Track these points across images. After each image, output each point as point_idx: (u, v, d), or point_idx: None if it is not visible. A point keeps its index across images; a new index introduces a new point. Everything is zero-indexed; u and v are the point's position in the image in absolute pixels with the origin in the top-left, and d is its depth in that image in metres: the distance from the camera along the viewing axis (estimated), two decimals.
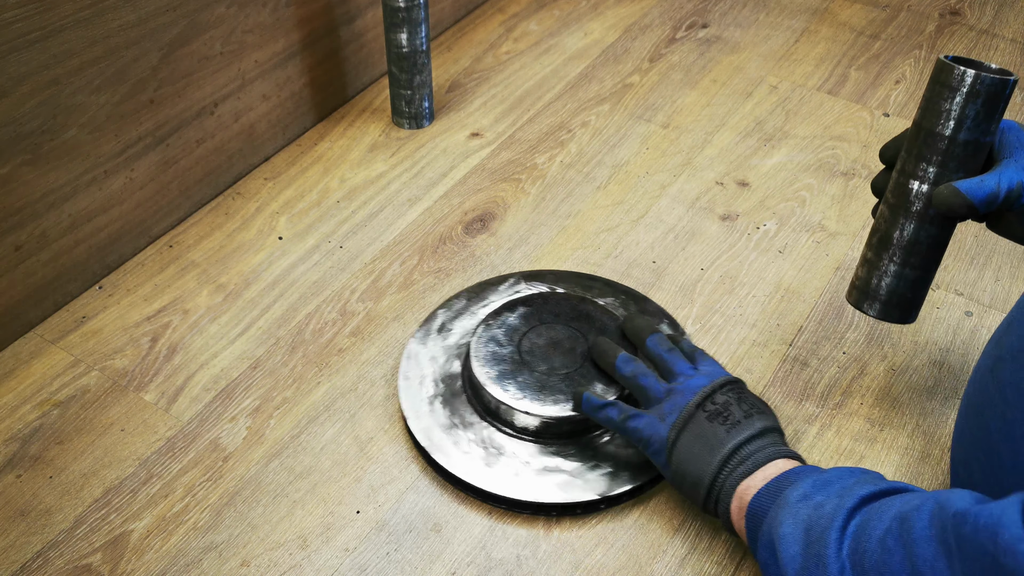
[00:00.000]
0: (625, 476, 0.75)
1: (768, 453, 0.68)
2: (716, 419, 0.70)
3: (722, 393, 0.72)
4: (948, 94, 0.66)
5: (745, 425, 0.69)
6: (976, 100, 0.65)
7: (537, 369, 0.79)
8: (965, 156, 0.67)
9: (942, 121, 0.67)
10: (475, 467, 0.75)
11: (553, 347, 0.81)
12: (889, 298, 0.72)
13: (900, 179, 0.69)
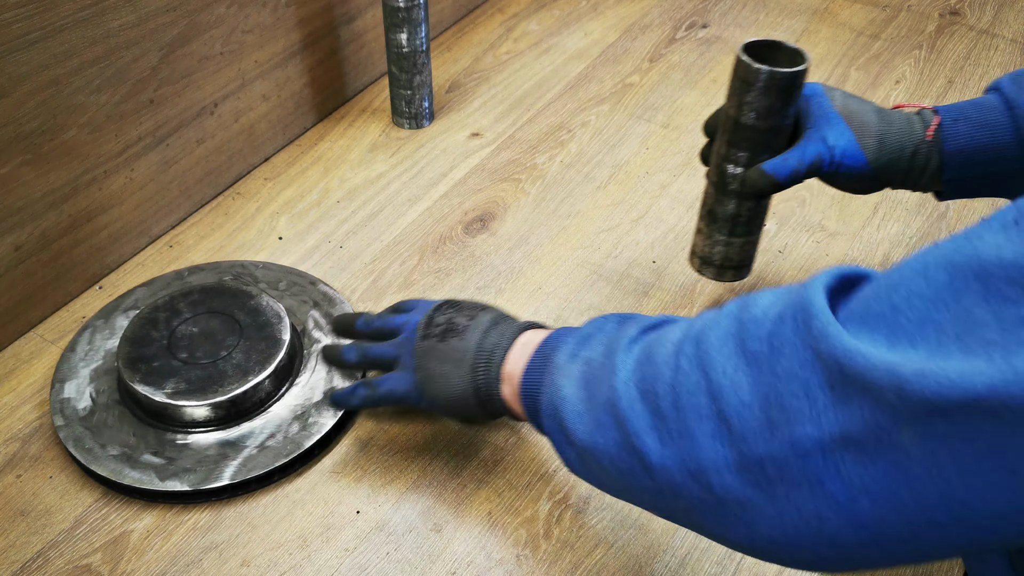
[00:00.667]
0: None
1: (512, 330, 0.69)
2: (447, 336, 0.70)
3: (440, 313, 0.72)
4: (746, 88, 0.72)
5: (475, 324, 0.70)
6: (770, 93, 0.71)
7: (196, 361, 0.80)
8: (769, 139, 0.74)
9: (744, 112, 0.73)
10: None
11: (204, 337, 0.82)
12: (723, 263, 0.82)
13: (717, 161, 0.77)
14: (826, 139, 0.73)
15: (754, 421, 0.45)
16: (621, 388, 0.53)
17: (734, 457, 0.46)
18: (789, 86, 0.71)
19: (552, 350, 0.63)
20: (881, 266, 0.95)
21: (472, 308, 0.72)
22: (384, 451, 0.79)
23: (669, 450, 0.50)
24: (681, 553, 0.72)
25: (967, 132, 0.72)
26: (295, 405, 0.80)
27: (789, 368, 0.44)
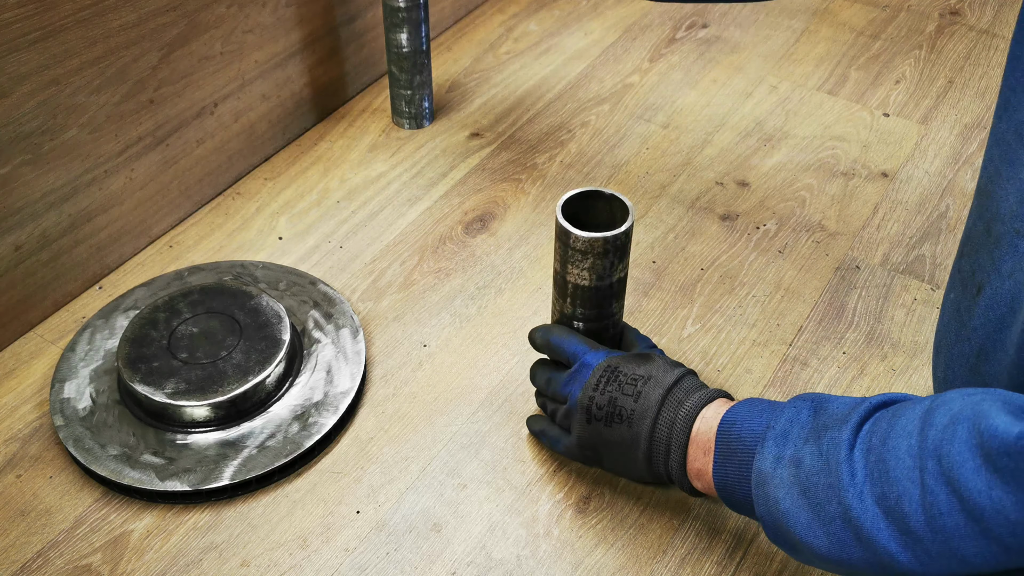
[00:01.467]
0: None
1: (685, 417, 0.66)
2: (613, 423, 0.68)
3: (601, 393, 0.69)
4: (581, 257, 0.70)
5: (641, 410, 0.67)
6: (606, 255, 0.70)
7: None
8: (618, 289, 0.73)
9: (585, 276, 0.71)
10: None
11: (204, 337, 0.82)
12: None
13: (564, 319, 0.76)
14: None
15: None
16: (857, 505, 0.53)
17: (1012, 567, 0.47)
18: (623, 243, 0.70)
19: (746, 452, 0.61)
20: (881, 266, 0.95)
21: (634, 379, 0.68)
22: (384, 451, 0.79)
23: (931, 568, 0.50)
24: (681, 553, 0.72)
25: None
26: (295, 405, 0.80)
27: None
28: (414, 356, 0.87)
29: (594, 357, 0.72)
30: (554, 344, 0.75)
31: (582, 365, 0.72)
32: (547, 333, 0.76)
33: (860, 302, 0.92)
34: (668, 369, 0.69)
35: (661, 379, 0.68)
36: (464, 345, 0.88)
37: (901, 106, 1.17)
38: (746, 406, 0.64)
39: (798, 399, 0.62)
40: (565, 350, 0.74)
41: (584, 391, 0.70)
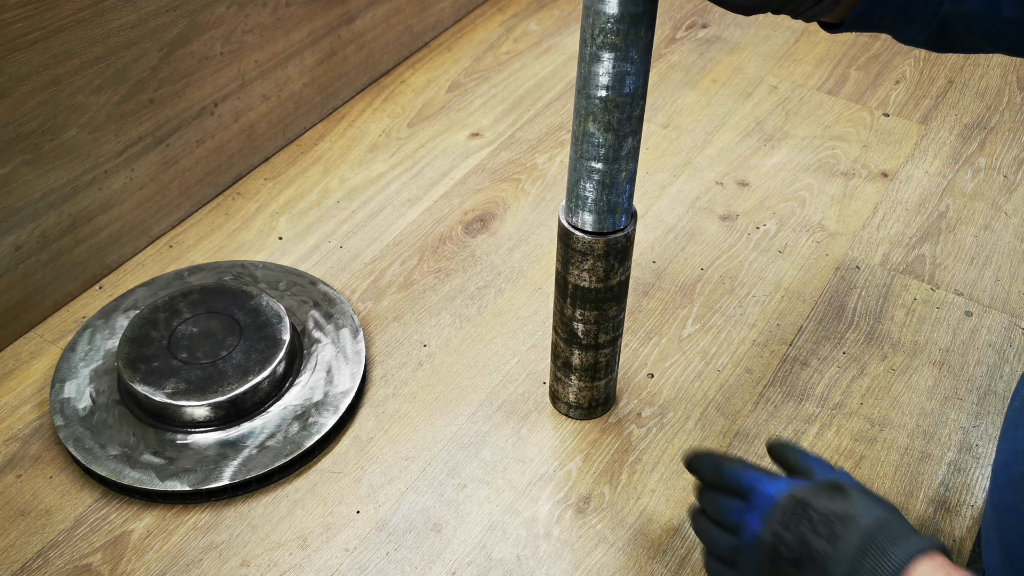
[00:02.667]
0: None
1: (889, 570, 0.54)
2: (804, 567, 0.57)
3: (789, 531, 0.58)
4: (580, 258, 0.70)
5: (839, 554, 0.55)
6: (607, 256, 0.70)
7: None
8: (619, 291, 0.73)
9: (586, 277, 0.71)
10: None
11: (204, 337, 0.82)
12: (591, 404, 0.80)
13: (564, 320, 0.75)
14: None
15: None
16: None
17: None
18: (624, 245, 0.69)
19: None
20: (881, 266, 0.95)
21: (829, 517, 0.57)
22: (384, 451, 0.79)
23: None
24: (681, 553, 0.72)
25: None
26: (295, 405, 0.80)
27: None
28: (414, 356, 0.87)
29: (775, 487, 0.60)
30: (726, 476, 0.63)
31: (761, 496, 0.60)
32: (718, 465, 0.64)
33: (860, 302, 0.92)
34: (869, 506, 0.58)
35: (861, 518, 0.56)
36: (464, 345, 0.88)
37: (901, 106, 1.17)
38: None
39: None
40: (739, 480, 0.62)
41: (768, 525, 0.58)
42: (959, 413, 0.82)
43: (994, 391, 0.84)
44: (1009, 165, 1.08)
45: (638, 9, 0.61)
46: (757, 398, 0.83)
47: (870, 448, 0.79)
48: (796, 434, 0.80)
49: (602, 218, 0.68)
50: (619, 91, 0.62)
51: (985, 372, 0.85)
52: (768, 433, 0.80)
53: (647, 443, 0.79)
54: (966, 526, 0.74)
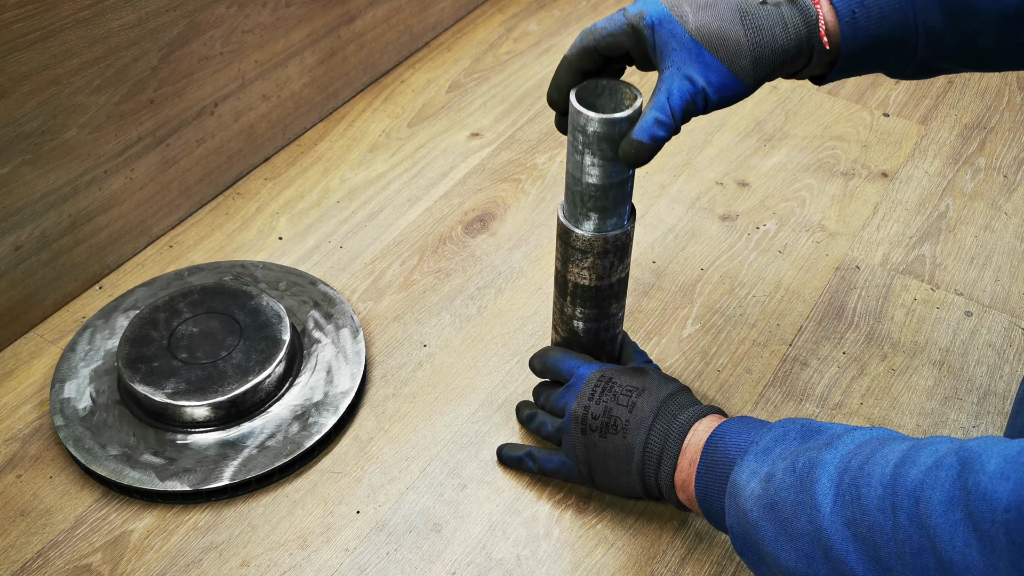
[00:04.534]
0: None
1: (677, 430, 0.66)
2: (607, 432, 0.68)
3: (596, 403, 0.69)
4: (580, 256, 0.70)
5: (636, 420, 0.67)
6: (606, 254, 0.69)
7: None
8: (618, 289, 0.73)
9: (585, 275, 0.71)
10: None
11: (204, 337, 0.82)
12: None
13: (564, 319, 0.75)
14: (692, 78, 0.60)
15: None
16: (829, 525, 0.53)
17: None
18: (624, 243, 0.69)
19: (728, 464, 0.61)
20: (881, 266, 0.95)
21: (629, 390, 0.69)
22: (384, 451, 0.79)
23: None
24: (681, 553, 0.72)
25: (867, 29, 0.62)
26: (295, 405, 0.80)
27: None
28: (414, 356, 0.87)
29: (588, 369, 0.72)
30: (551, 364, 0.75)
31: (577, 378, 0.72)
32: (544, 356, 0.77)
33: (860, 302, 0.92)
34: (663, 383, 0.70)
35: (656, 391, 0.69)
36: (464, 345, 0.88)
37: (901, 106, 1.17)
38: (737, 422, 0.64)
39: (789, 420, 0.62)
40: (561, 368, 0.74)
41: (579, 401, 0.70)
42: (959, 413, 0.82)
43: (994, 391, 0.84)
44: (1009, 165, 1.08)
45: (621, 178, 0.65)
46: (757, 398, 0.83)
47: None
48: None
49: None
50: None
51: (985, 372, 0.85)
52: None
53: None
54: None
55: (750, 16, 0.61)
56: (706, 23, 0.61)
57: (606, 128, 0.63)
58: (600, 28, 0.63)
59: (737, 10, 0.61)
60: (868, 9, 0.62)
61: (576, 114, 0.64)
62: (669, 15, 0.61)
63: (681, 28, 0.60)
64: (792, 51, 0.62)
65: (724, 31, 0.61)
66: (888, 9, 0.62)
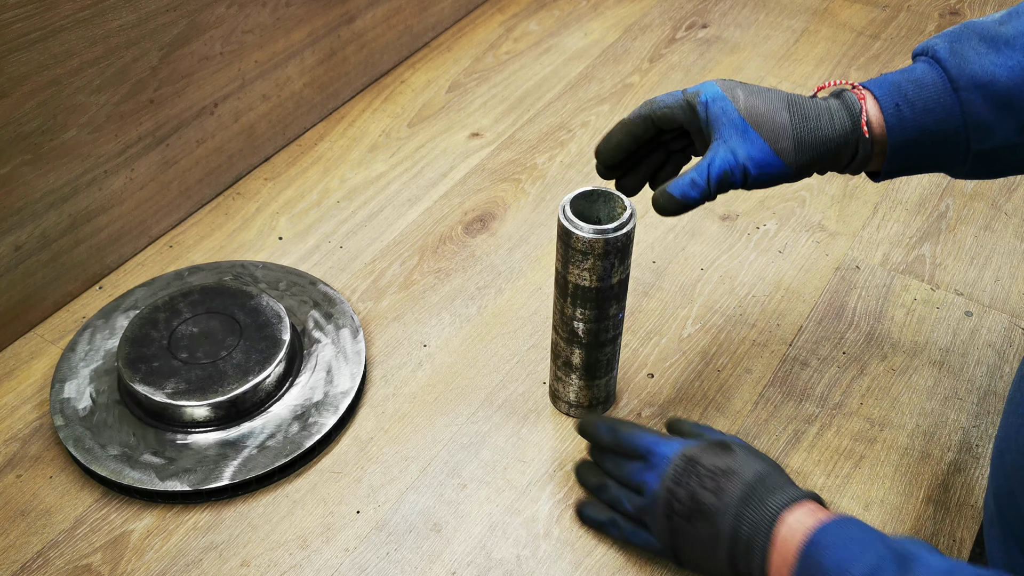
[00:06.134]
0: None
1: (768, 518, 0.61)
2: (695, 518, 0.64)
3: (681, 486, 0.65)
4: (581, 258, 0.70)
5: (723, 505, 0.63)
6: (607, 256, 0.69)
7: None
8: (618, 292, 0.73)
9: (586, 277, 0.71)
10: None
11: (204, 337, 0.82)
12: (591, 403, 0.80)
13: (565, 320, 0.75)
14: (735, 152, 0.65)
15: None
16: None
17: None
18: (620, 246, 0.69)
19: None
20: (881, 266, 0.95)
21: (715, 472, 0.64)
22: (384, 451, 0.79)
23: None
24: None
25: (913, 120, 0.64)
26: (295, 405, 0.80)
27: None
28: (414, 356, 0.87)
29: (669, 448, 0.68)
30: (625, 441, 0.70)
31: (659, 458, 0.67)
32: (615, 430, 0.71)
33: (860, 302, 0.92)
34: (749, 462, 0.65)
35: (743, 473, 0.64)
36: (464, 345, 0.88)
37: None
38: (835, 531, 0.59)
39: (888, 545, 0.57)
40: (637, 445, 0.69)
41: (663, 483, 0.65)
42: (959, 413, 0.82)
43: (994, 391, 0.84)
44: None
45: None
46: (757, 398, 0.83)
47: (870, 448, 0.79)
48: (796, 434, 0.80)
49: None
50: None
51: (985, 372, 0.85)
52: (768, 433, 0.80)
53: None
54: (966, 526, 0.74)
55: (797, 104, 0.66)
56: (755, 105, 0.65)
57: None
58: (659, 100, 0.68)
59: (786, 99, 0.66)
60: (912, 103, 0.64)
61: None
62: (723, 94, 0.66)
63: (732, 106, 0.65)
64: (836, 140, 0.65)
65: (771, 113, 0.65)
66: (933, 102, 0.64)
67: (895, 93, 0.65)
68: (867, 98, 0.66)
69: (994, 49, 0.62)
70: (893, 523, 0.74)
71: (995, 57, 0.62)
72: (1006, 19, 0.64)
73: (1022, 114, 0.62)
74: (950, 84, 0.63)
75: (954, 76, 0.63)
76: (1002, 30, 0.63)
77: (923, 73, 0.65)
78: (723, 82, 0.67)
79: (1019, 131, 0.63)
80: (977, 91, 0.62)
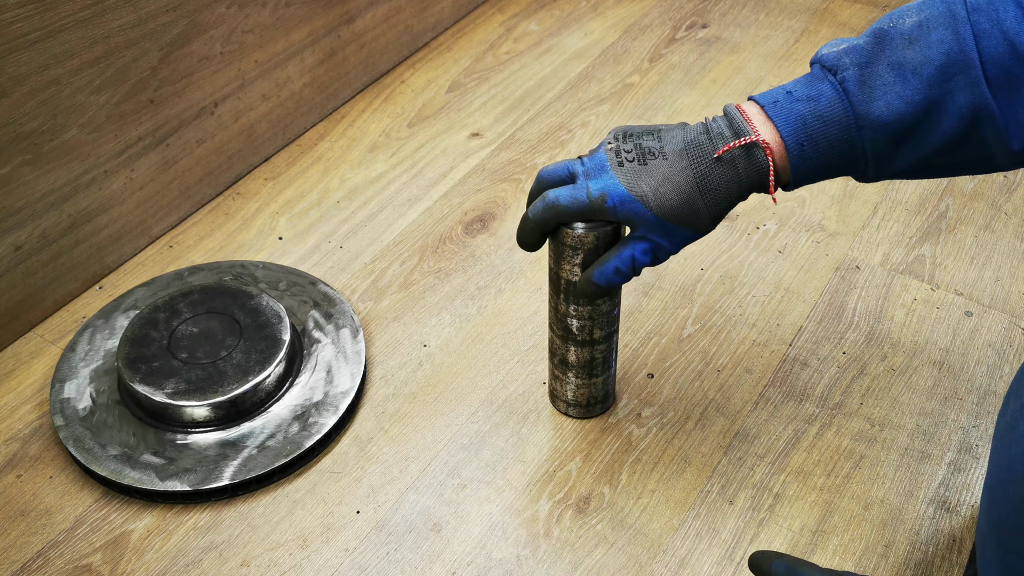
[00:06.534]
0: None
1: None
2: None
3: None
4: (571, 253, 0.69)
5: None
6: (596, 251, 0.69)
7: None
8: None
9: (576, 272, 0.70)
10: None
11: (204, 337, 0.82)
12: (589, 401, 0.80)
13: (559, 316, 0.75)
14: (656, 242, 0.66)
15: None
16: None
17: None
18: (613, 240, 0.69)
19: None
20: (881, 266, 0.95)
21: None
22: (384, 451, 0.79)
23: None
24: (681, 553, 0.72)
25: (815, 158, 0.64)
26: (295, 405, 0.80)
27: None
28: (414, 356, 0.87)
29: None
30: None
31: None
32: (795, 571, 0.64)
33: (860, 302, 0.92)
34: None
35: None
36: (464, 345, 0.88)
37: None
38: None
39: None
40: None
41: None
42: (959, 413, 0.82)
43: (994, 391, 0.84)
44: None
45: None
46: (757, 398, 0.83)
47: (870, 448, 0.79)
48: (796, 434, 0.80)
49: None
50: None
51: (985, 372, 0.85)
52: (768, 433, 0.80)
53: (647, 443, 0.79)
54: (966, 526, 0.74)
55: (706, 181, 0.64)
56: (667, 200, 0.64)
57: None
58: (563, 206, 0.67)
59: (694, 179, 0.64)
60: (816, 142, 0.63)
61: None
62: (630, 196, 0.65)
63: (643, 208, 0.64)
64: (745, 196, 0.66)
65: (684, 205, 0.64)
66: (836, 140, 0.63)
67: (800, 131, 0.63)
68: (774, 150, 0.64)
69: (901, 79, 0.61)
70: (893, 523, 0.74)
71: (901, 89, 0.61)
72: (916, 34, 0.62)
73: (920, 146, 0.62)
74: (855, 122, 0.63)
75: (860, 114, 0.62)
76: (909, 55, 0.62)
77: (829, 106, 0.63)
78: (623, 172, 0.65)
79: (917, 161, 0.63)
80: (881, 131, 0.62)
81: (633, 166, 0.65)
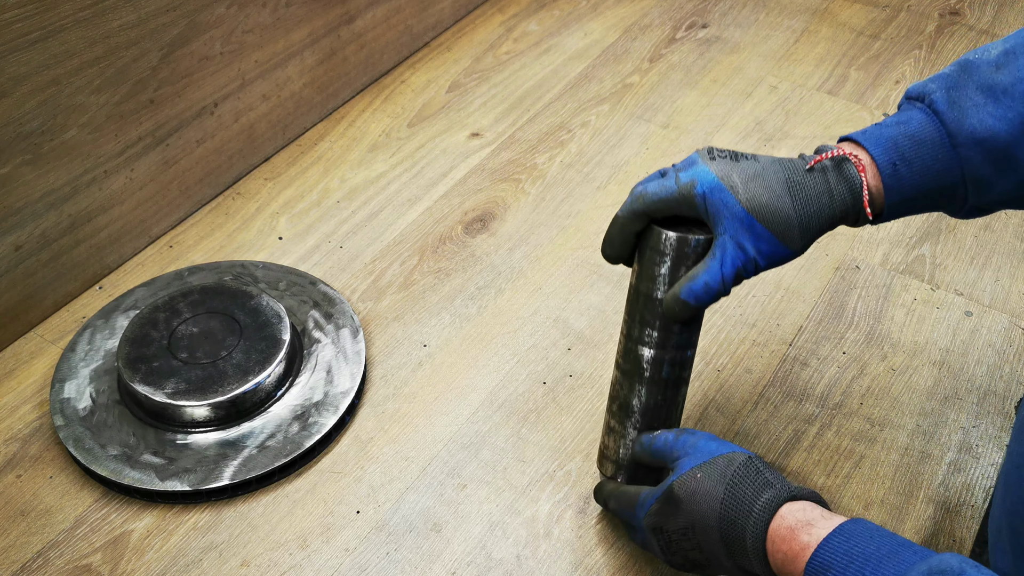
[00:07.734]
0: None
1: (755, 527, 0.59)
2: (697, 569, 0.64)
3: (672, 554, 0.64)
4: (659, 259, 0.65)
5: (709, 551, 0.62)
6: (687, 262, 0.64)
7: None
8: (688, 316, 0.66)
9: (658, 286, 0.65)
10: None
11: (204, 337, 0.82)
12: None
13: (629, 345, 0.68)
14: (744, 247, 0.62)
15: None
16: None
17: None
18: (704, 253, 0.64)
19: None
20: (881, 266, 0.95)
21: (684, 533, 0.63)
22: (384, 451, 0.79)
23: None
24: None
25: (910, 180, 0.62)
26: (295, 405, 0.80)
27: None
28: (414, 356, 0.87)
29: (639, 520, 0.67)
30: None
31: (638, 530, 0.68)
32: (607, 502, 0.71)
33: (860, 302, 0.92)
34: (710, 490, 0.62)
35: (706, 520, 0.61)
36: (464, 345, 0.88)
37: None
38: (844, 546, 0.56)
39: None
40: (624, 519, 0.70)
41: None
42: (959, 413, 0.82)
43: (994, 391, 0.84)
44: None
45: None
46: (757, 398, 0.83)
47: (870, 448, 0.79)
48: (796, 434, 0.80)
49: None
50: None
51: (985, 372, 0.85)
52: (768, 433, 0.80)
53: None
54: (966, 526, 0.74)
55: (797, 187, 0.62)
56: (756, 195, 0.62)
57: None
58: (651, 193, 0.64)
59: (785, 181, 0.62)
60: (910, 162, 0.61)
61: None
62: (720, 184, 0.62)
63: (732, 198, 0.62)
64: (838, 218, 0.63)
65: (774, 203, 0.62)
66: (931, 160, 0.61)
67: (892, 151, 0.62)
68: (866, 167, 0.63)
69: (992, 99, 0.60)
70: (893, 523, 0.74)
71: (993, 108, 0.60)
72: (1003, 61, 0.62)
73: (1021, 168, 0.61)
74: (949, 140, 0.61)
75: (953, 131, 0.61)
76: (999, 78, 0.61)
77: (920, 127, 0.62)
78: (715, 163, 0.63)
79: (1018, 186, 0.62)
80: (976, 147, 0.61)
81: (726, 161, 0.63)
